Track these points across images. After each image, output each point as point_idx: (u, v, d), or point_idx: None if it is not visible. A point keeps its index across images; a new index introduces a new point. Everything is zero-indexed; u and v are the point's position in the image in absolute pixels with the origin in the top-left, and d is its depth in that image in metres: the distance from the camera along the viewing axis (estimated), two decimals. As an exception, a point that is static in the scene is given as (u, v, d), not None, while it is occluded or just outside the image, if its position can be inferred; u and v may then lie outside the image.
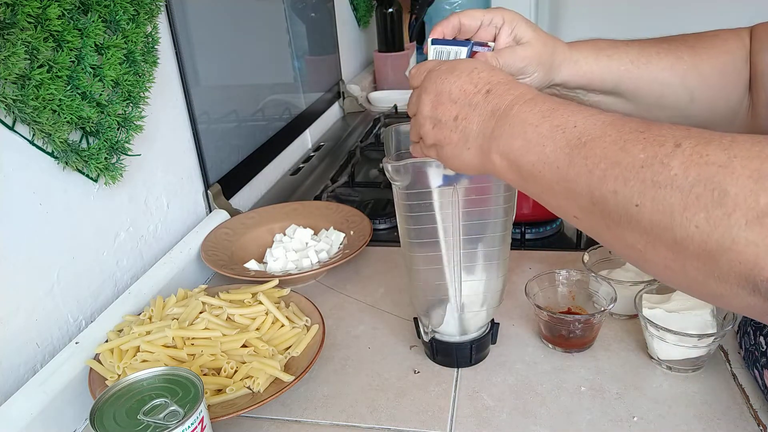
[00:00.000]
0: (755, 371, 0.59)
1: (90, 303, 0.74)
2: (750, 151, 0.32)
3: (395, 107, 1.64)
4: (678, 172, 0.34)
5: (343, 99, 1.67)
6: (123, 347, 0.64)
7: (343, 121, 1.65)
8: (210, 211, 1.00)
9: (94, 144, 0.71)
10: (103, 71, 0.70)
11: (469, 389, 0.64)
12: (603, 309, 0.66)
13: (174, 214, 0.91)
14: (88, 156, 0.69)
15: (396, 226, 0.65)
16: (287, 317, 0.70)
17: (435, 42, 0.58)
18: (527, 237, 0.93)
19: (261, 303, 0.69)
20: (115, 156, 0.74)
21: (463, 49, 0.57)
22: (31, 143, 0.64)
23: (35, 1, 0.59)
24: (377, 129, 1.50)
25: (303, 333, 0.68)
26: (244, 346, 0.65)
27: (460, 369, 0.67)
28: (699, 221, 0.33)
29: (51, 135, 0.64)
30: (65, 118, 0.65)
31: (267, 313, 0.69)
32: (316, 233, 0.94)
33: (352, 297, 0.82)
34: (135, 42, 0.74)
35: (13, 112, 0.61)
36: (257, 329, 0.68)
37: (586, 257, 0.75)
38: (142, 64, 0.76)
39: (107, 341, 0.67)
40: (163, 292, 0.79)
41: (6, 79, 0.58)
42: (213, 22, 1.03)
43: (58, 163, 0.68)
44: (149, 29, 0.78)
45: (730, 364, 0.64)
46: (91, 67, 0.68)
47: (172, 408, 0.48)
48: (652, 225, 0.35)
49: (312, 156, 1.37)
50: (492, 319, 0.68)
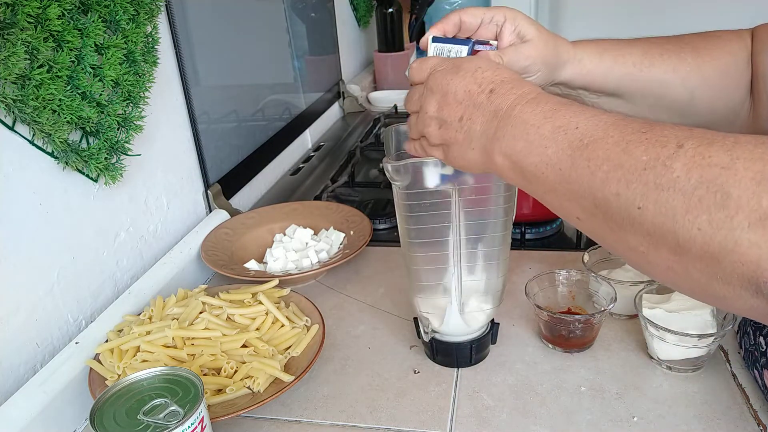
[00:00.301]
0: (755, 371, 0.59)
1: (90, 303, 0.74)
2: (753, 153, 0.32)
3: (395, 107, 1.64)
4: (680, 174, 0.34)
5: (343, 99, 1.67)
6: (123, 347, 0.64)
7: (343, 121, 1.65)
8: (210, 211, 1.00)
9: (94, 144, 0.71)
10: (103, 71, 0.70)
11: (469, 389, 0.64)
12: (603, 309, 0.66)
13: (174, 214, 0.91)
14: (88, 156, 0.69)
15: (396, 226, 0.65)
16: (287, 317, 0.70)
17: (435, 40, 0.57)
18: (527, 237, 0.93)
19: (261, 303, 0.69)
20: (115, 156, 0.74)
21: (464, 48, 0.57)
22: (31, 143, 0.64)
23: (35, 1, 0.59)
24: (377, 129, 1.50)
25: (303, 333, 0.68)
26: (244, 346, 0.65)
27: (460, 369, 0.67)
28: (701, 224, 0.32)
29: (51, 135, 0.64)
30: (65, 118, 0.65)
31: (267, 313, 0.69)
32: (316, 233, 0.94)
33: (352, 297, 0.82)
34: (135, 42, 0.74)
35: (13, 112, 0.61)
36: (257, 329, 0.68)
37: (586, 257, 0.75)
38: (142, 64, 0.76)
39: (107, 341, 0.67)
40: (163, 292, 0.79)
41: (6, 79, 0.58)
42: (213, 22, 1.03)
43: (58, 163, 0.68)
44: (149, 29, 0.78)
45: (730, 364, 0.64)
46: (91, 67, 0.68)
47: (172, 408, 0.48)
48: (654, 227, 0.35)
49: (312, 156, 1.37)
50: (492, 319, 0.67)
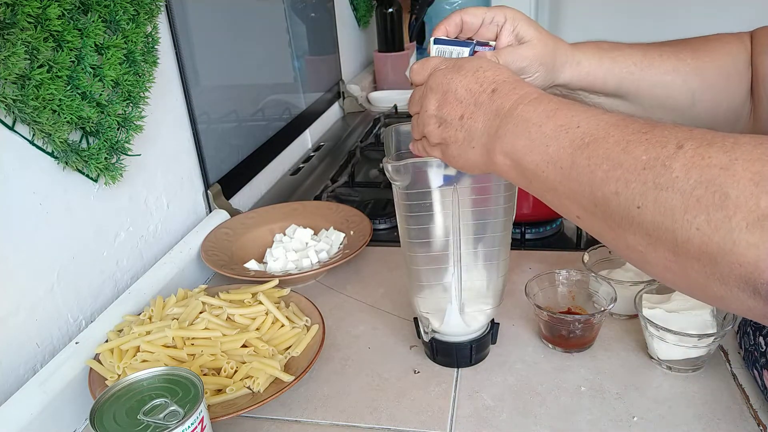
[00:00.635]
0: (755, 371, 0.59)
1: (90, 303, 0.74)
2: (752, 154, 0.32)
3: (395, 107, 1.64)
4: (679, 174, 0.34)
5: (343, 99, 1.67)
6: (123, 347, 0.64)
7: (343, 121, 1.65)
8: (210, 211, 1.00)
9: (94, 144, 0.71)
10: (103, 71, 0.70)
11: (469, 389, 0.64)
12: (603, 309, 0.66)
13: (174, 214, 0.91)
14: (88, 156, 0.69)
15: (396, 226, 0.65)
16: (287, 317, 0.70)
17: (438, 41, 0.58)
18: (527, 237, 0.93)
19: (261, 303, 0.69)
20: (115, 156, 0.74)
21: (466, 49, 0.57)
22: (31, 143, 0.64)
23: (35, 1, 0.59)
24: (377, 129, 1.50)
25: (303, 333, 0.68)
26: (244, 346, 0.65)
27: (460, 369, 0.67)
28: (700, 223, 0.33)
29: (51, 135, 0.64)
30: (65, 118, 0.65)
31: (267, 313, 0.69)
32: (316, 233, 0.94)
33: (352, 297, 0.82)
34: (135, 42, 0.74)
35: (13, 112, 0.61)
36: (257, 329, 0.67)
37: (586, 257, 0.75)
38: (142, 64, 0.76)
39: (107, 341, 0.67)
40: (163, 292, 0.79)
41: (6, 79, 0.58)
42: (213, 22, 1.03)
43: (58, 163, 0.68)
44: (149, 29, 0.78)
45: (730, 364, 0.64)
46: (91, 67, 0.68)
47: (172, 408, 0.48)
48: (653, 227, 0.35)
49: (312, 156, 1.37)
50: (492, 319, 0.67)
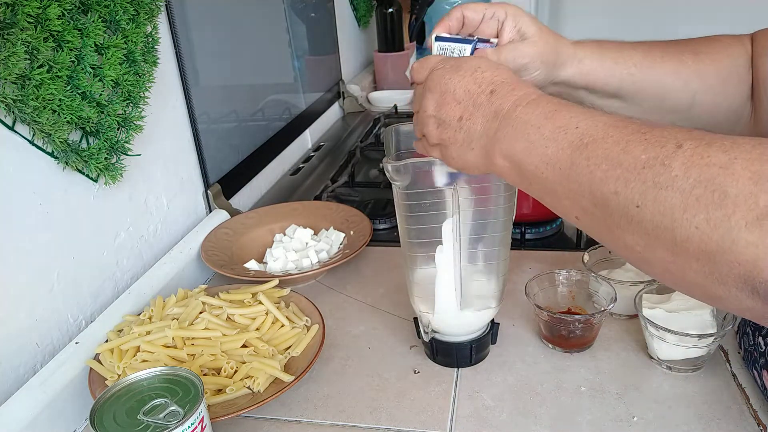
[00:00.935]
0: (755, 371, 0.59)
1: (90, 303, 0.74)
2: (751, 153, 0.32)
3: (395, 107, 1.64)
4: (679, 173, 0.34)
5: (343, 99, 1.67)
6: (123, 347, 0.64)
7: (343, 121, 1.65)
8: (210, 211, 1.00)
9: (94, 144, 0.71)
10: (103, 71, 0.70)
11: (469, 389, 0.64)
12: (603, 309, 0.66)
13: (174, 214, 0.91)
14: (88, 156, 0.69)
15: (396, 226, 0.65)
16: (287, 317, 0.70)
17: (439, 39, 0.58)
18: (527, 237, 0.93)
19: (261, 303, 0.69)
20: (115, 156, 0.74)
21: (467, 47, 0.57)
22: (31, 143, 0.64)
23: (35, 1, 0.59)
24: (377, 129, 1.50)
25: (303, 333, 0.68)
26: (244, 346, 0.65)
27: (460, 369, 0.67)
28: (699, 222, 0.33)
29: (51, 135, 0.64)
30: (65, 118, 0.65)
31: (267, 313, 0.69)
32: (316, 233, 0.94)
33: (352, 297, 0.82)
34: (135, 42, 0.74)
35: (13, 112, 0.61)
36: (257, 329, 0.67)
37: (586, 257, 0.75)
38: (142, 64, 0.76)
39: (107, 341, 0.67)
40: (163, 292, 0.79)
41: (6, 79, 0.58)
42: (213, 22, 1.03)
43: (58, 163, 0.68)
44: (149, 29, 0.78)
45: (730, 364, 0.64)
46: (91, 67, 0.68)
47: (172, 408, 0.48)
48: (652, 226, 0.35)
49: (312, 156, 1.37)
50: (492, 319, 0.67)
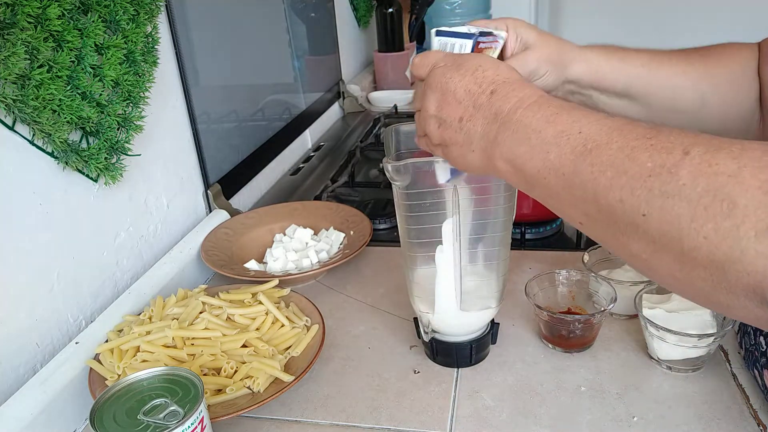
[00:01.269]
0: (755, 371, 0.59)
1: (90, 303, 0.74)
2: (760, 161, 0.32)
3: (395, 107, 1.64)
4: (686, 181, 0.33)
5: (343, 99, 1.67)
6: (123, 347, 0.64)
7: (343, 121, 1.65)
8: (210, 211, 1.00)
9: (94, 144, 0.71)
10: (103, 71, 0.70)
11: (469, 389, 0.64)
12: (603, 309, 0.66)
13: (174, 214, 0.91)
14: (88, 156, 0.69)
15: (396, 226, 0.65)
16: (287, 317, 0.70)
17: (439, 33, 0.57)
18: (527, 237, 0.93)
19: (261, 303, 0.69)
20: (115, 156, 0.74)
21: (468, 42, 0.56)
22: (31, 143, 0.64)
23: (35, 1, 0.59)
24: (377, 129, 1.50)
25: (303, 333, 0.68)
26: (244, 346, 0.65)
27: (460, 369, 0.67)
28: (707, 232, 0.32)
29: (51, 135, 0.64)
30: (65, 118, 0.65)
31: (267, 313, 0.69)
32: (316, 233, 0.94)
33: (352, 297, 0.82)
34: (135, 42, 0.74)
35: (13, 112, 0.61)
36: (257, 329, 0.67)
37: (586, 257, 0.75)
38: (142, 64, 0.76)
39: (107, 341, 0.67)
40: (163, 292, 0.79)
41: (6, 79, 0.58)
42: (213, 22, 1.03)
43: (58, 163, 0.68)
44: (149, 29, 0.78)
45: (730, 364, 0.64)
46: (91, 67, 0.68)
47: (172, 408, 0.48)
48: (659, 234, 0.35)
49: (312, 156, 1.37)
50: (492, 319, 0.67)
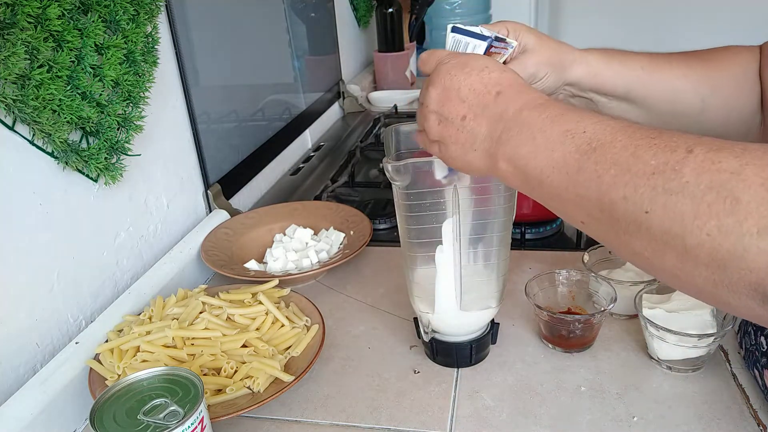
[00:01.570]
0: (755, 371, 0.59)
1: (90, 303, 0.74)
2: (762, 159, 0.32)
3: (395, 107, 1.64)
4: (690, 179, 0.33)
5: (343, 99, 1.67)
6: (123, 347, 0.64)
7: (343, 121, 1.65)
8: (210, 211, 1.00)
9: (94, 144, 0.71)
10: (103, 71, 0.70)
11: (469, 389, 0.64)
12: (603, 309, 0.66)
13: (174, 214, 0.91)
14: (88, 156, 0.69)
15: (396, 226, 0.65)
16: (287, 317, 0.70)
17: (455, 30, 0.56)
18: (527, 237, 0.93)
19: (261, 303, 0.69)
20: (115, 156, 0.74)
21: (482, 44, 0.56)
22: (31, 143, 0.64)
23: (35, 1, 0.59)
24: (377, 129, 1.50)
25: (303, 333, 0.68)
26: (244, 346, 0.65)
27: (460, 369, 0.67)
28: (710, 229, 0.32)
29: (51, 135, 0.64)
30: (65, 118, 0.65)
31: (267, 313, 0.69)
32: (316, 233, 0.94)
33: (352, 297, 0.82)
34: (135, 42, 0.74)
35: (13, 112, 0.61)
36: (257, 329, 0.67)
37: (586, 257, 0.75)
38: (142, 64, 0.76)
39: (107, 341, 0.67)
40: (163, 292, 0.79)
41: (6, 79, 0.58)
42: (213, 22, 1.03)
43: (58, 163, 0.68)
44: (149, 29, 0.78)
45: (730, 364, 0.64)
46: (91, 67, 0.68)
47: (172, 408, 0.48)
48: (662, 232, 0.35)
49: (312, 156, 1.37)
50: (492, 319, 0.67)
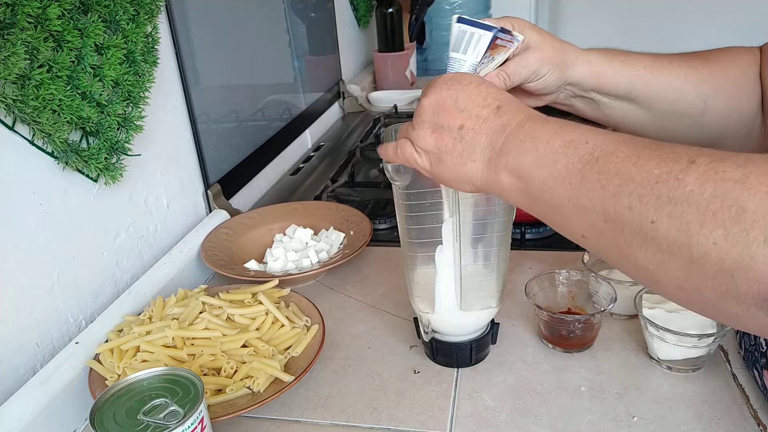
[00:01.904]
0: (755, 371, 0.59)
1: (90, 303, 0.74)
2: (765, 168, 0.32)
3: (395, 107, 1.64)
4: (694, 188, 0.33)
5: (343, 99, 1.67)
6: (123, 347, 0.64)
7: (343, 121, 1.65)
8: (210, 211, 1.00)
9: (94, 144, 0.71)
10: (103, 71, 0.70)
11: (469, 389, 0.64)
12: (603, 309, 0.66)
13: (174, 214, 0.91)
14: (88, 156, 0.69)
15: (396, 226, 0.65)
16: (287, 317, 0.70)
17: (461, 20, 0.56)
18: (527, 237, 0.93)
19: (261, 303, 0.69)
20: (115, 156, 0.74)
21: (488, 34, 0.55)
22: (31, 143, 0.64)
23: (35, 1, 0.59)
24: (377, 129, 1.50)
25: (303, 333, 0.68)
26: (244, 346, 0.65)
27: (460, 369, 0.67)
28: (717, 238, 0.32)
29: (51, 135, 0.64)
30: (65, 118, 0.65)
31: (267, 313, 0.69)
32: (316, 233, 0.94)
33: (352, 297, 0.82)
34: (135, 42, 0.74)
35: (13, 112, 0.61)
36: (257, 329, 0.68)
37: (586, 257, 0.75)
38: (142, 64, 0.76)
39: (107, 341, 0.67)
40: (163, 292, 0.79)
41: (6, 79, 0.58)
42: (213, 22, 1.03)
43: (58, 163, 0.68)
44: (149, 29, 0.78)
45: (730, 364, 0.64)
46: (91, 67, 0.68)
47: (172, 408, 0.48)
48: (668, 242, 0.34)
49: (312, 156, 1.37)
50: (492, 319, 0.67)
